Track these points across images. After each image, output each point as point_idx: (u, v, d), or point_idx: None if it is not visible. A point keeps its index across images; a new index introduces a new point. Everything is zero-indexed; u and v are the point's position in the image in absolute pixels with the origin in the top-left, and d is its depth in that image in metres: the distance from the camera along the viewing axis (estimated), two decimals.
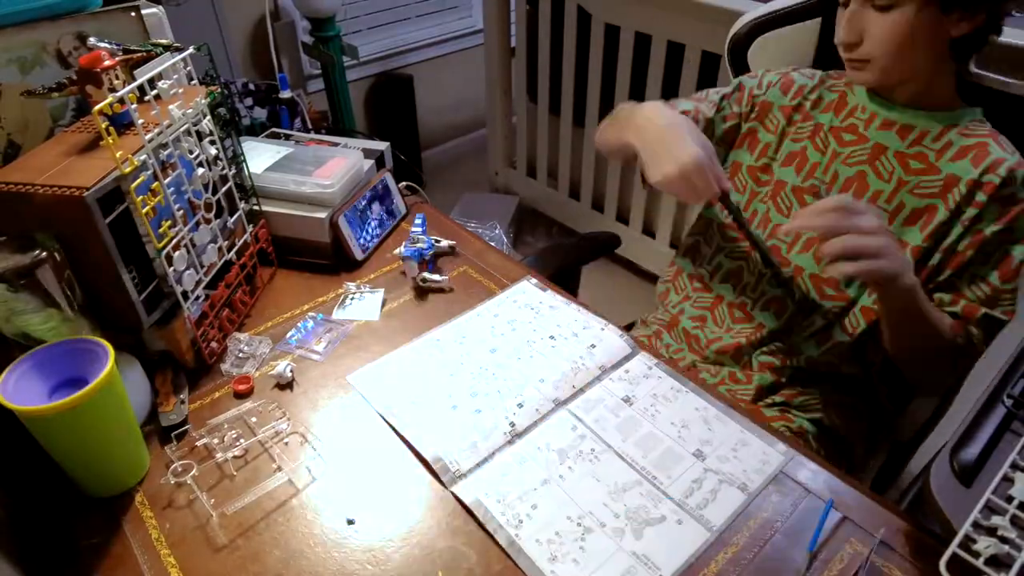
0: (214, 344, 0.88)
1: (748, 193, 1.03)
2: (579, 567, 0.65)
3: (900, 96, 0.89)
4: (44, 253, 0.70)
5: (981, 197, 0.83)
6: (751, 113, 1.03)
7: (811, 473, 0.74)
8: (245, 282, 0.97)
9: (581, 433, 0.78)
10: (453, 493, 0.72)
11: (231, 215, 0.94)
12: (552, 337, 0.91)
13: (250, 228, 0.98)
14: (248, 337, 0.92)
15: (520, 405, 0.81)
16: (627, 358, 0.88)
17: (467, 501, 0.71)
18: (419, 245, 1.00)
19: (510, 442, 0.77)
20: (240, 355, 0.90)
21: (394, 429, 0.79)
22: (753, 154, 1.03)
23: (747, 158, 1.04)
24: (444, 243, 1.09)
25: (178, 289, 0.81)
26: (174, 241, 0.79)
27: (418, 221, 1.04)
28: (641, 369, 0.87)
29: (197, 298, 0.85)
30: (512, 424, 0.78)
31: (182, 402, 0.81)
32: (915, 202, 0.88)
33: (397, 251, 1.04)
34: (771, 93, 1.02)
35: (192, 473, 0.72)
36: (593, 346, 0.89)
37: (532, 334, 0.92)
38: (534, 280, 1.02)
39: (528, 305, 0.97)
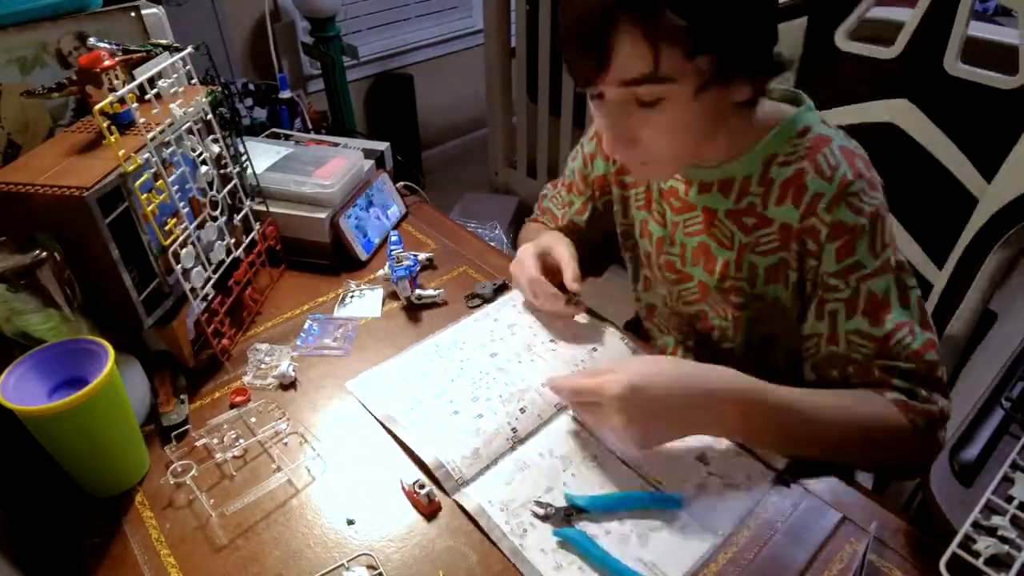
0: (225, 341, 0.89)
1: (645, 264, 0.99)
2: (585, 575, 0.64)
3: (703, 160, 0.81)
4: (44, 253, 0.70)
5: (812, 246, 0.75)
6: (595, 193, 1.00)
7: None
8: (255, 279, 0.97)
9: (584, 438, 0.77)
10: (455, 501, 0.71)
11: (237, 213, 0.95)
12: (553, 341, 0.90)
13: (257, 226, 0.98)
14: (269, 347, 0.90)
15: (522, 410, 0.80)
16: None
17: (470, 509, 0.70)
18: (405, 263, 0.97)
19: (512, 448, 0.76)
20: (263, 366, 0.88)
21: (395, 436, 0.78)
22: (616, 226, 1.00)
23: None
24: (423, 256, 1.06)
25: (186, 286, 0.81)
26: (180, 238, 0.80)
27: (394, 238, 1.01)
28: None
29: (206, 296, 0.85)
30: (514, 430, 0.77)
31: (182, 402, 0.81)
32: (765, 261, 0.80)
33: (381, 273, 1.03)
34: (597, 165, 0.98)
35: (192, 473, 0.72)
36: (595, 349, 0.89)
37: (532, 338, 0.91)
38: None
39: (528, 309, 0.96)
